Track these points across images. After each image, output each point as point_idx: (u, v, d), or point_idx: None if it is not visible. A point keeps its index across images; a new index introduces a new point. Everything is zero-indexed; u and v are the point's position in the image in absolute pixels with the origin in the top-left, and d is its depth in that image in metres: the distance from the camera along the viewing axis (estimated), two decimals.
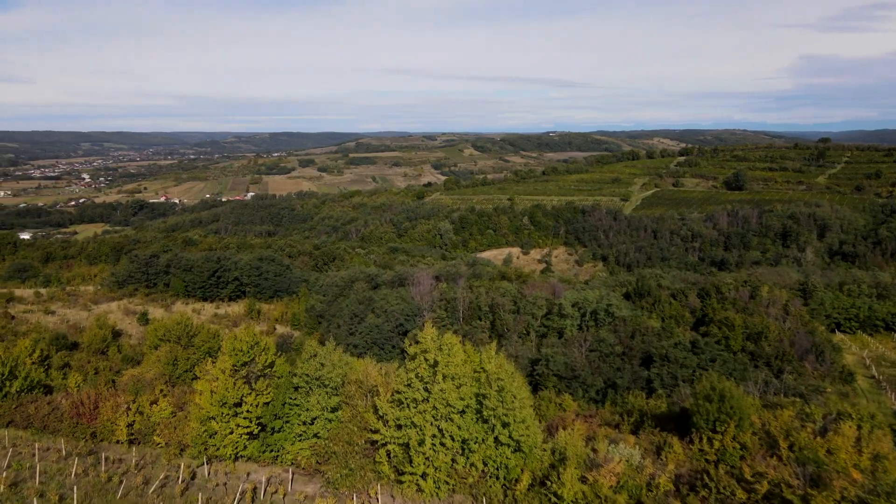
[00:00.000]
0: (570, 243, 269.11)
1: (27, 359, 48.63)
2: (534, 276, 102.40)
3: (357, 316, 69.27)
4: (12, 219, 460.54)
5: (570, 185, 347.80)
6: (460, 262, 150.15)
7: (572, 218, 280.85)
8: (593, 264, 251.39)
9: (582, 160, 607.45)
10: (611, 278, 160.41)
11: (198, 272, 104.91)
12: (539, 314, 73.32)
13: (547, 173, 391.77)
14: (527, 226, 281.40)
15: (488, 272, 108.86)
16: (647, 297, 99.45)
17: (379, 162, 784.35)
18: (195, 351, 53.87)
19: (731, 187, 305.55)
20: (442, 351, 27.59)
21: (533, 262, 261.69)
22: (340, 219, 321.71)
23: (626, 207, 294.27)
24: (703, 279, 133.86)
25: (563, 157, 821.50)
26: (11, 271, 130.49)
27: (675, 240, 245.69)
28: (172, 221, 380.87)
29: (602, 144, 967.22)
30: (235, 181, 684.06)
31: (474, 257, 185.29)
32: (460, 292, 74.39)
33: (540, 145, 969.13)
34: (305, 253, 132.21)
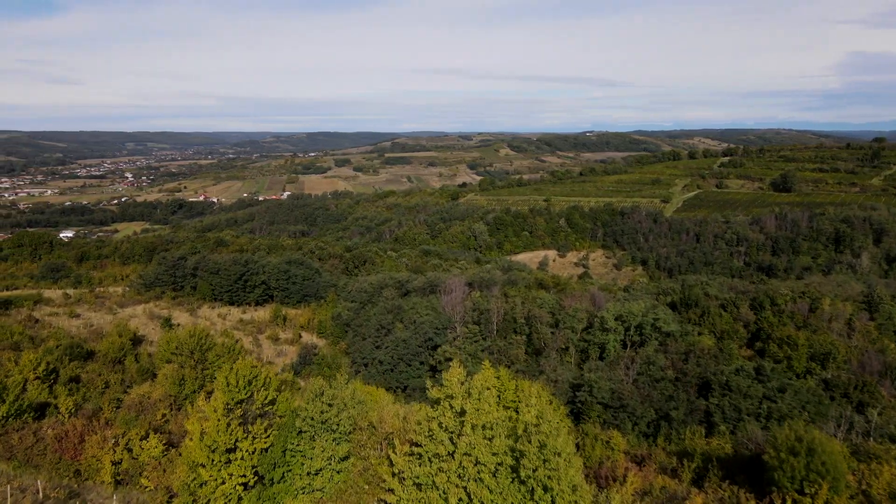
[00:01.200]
0: (609, 246, 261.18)
1: (30, 373, 45.61)
2: (571, 284, 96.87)
3: (384, 328, 65.13)
4: (57, 217, 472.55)
5: (609, 185, 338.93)
6: (494, 268, 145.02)
7: (610, 220, 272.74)
8: (632, 268, 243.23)
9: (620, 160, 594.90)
10: (652, 284, 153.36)
11: (224, 275, 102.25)
12: (579, 328, 67.94)
13: (584, 174, 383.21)
14: (563, 228, 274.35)
15: (524, 279, 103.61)
16: (694, 308, 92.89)
17: (414, 162, 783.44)
18: (209, 365, 50.27)
19: (779, 189, 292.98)
20: (471, 396, 22.77)
21: (569, 265, 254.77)
22: (374, 219, 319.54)
23: (667, 209, 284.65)
24: (753, 288, 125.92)
25: (600, 157, 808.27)
26: (45, 271, 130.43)
27: (720, 244, 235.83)
28: (209, 221, 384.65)
29: (641, 144, 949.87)
30: (272, 180, 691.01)
31: (509, 261, 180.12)
32: (494, 302, 69.53)
33: (577, 145, 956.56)
34: (336, 256, 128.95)
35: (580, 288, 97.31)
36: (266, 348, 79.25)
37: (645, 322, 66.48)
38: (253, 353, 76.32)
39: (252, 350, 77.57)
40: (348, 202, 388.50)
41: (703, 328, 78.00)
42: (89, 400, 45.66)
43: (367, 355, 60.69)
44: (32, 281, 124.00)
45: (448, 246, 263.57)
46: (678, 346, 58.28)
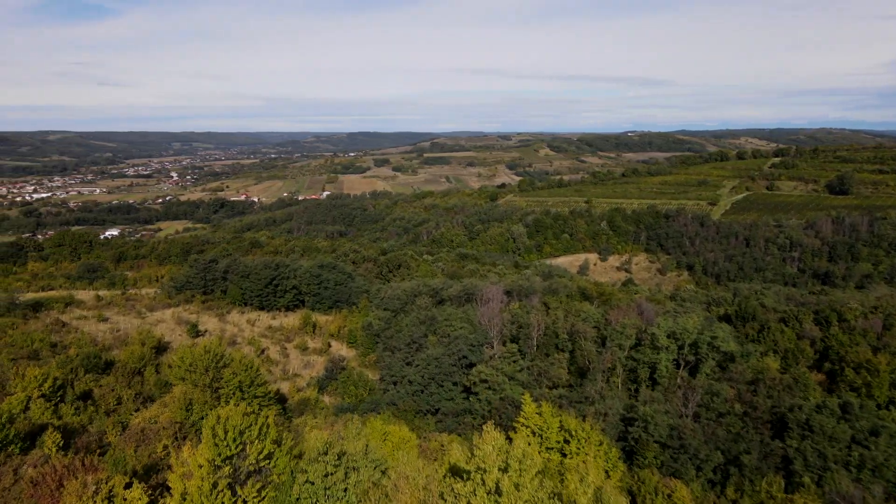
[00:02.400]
0: (652, 250, 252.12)
1: (35, 391, 42.58)
2: (616, 294, 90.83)
3: (415, 342, 60.70)
4: (104, 215, 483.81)
5: (652, 187, 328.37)
6: (534, 274, 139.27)
7: (654, 223, 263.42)
8: (677, 273, 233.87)
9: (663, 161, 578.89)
10: (701, 292, 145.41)
11: (255, 279, 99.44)
12: (627, 345, 62.22)
13: (627, 175, 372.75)
14: (605, 231, 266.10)
15: (565, 287, 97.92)
16: (751, 322, 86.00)
17: (453, 162, 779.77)
18: (224, 384, 46.56)
19: (835, 191, 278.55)
20: (510, 470, 17.85)
21: (611, 269, 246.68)
22: (412, 220, 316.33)
23: (715, 212, 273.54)
24: (814, 299, 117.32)
25: (642, 157, 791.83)
26: (82, 271, 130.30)
27: (771, 249, 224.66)
28: (248, 220, 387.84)
29: (685, 144, 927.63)
30: (312, 180, 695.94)
31: (549, 266, 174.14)
32: (534, 316, 64.36)
33: (618, 145, 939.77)
34: (370, 259, 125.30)
35: (626, 298, 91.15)
36: (293, 358, 75.74)
37: (701, 340, 60.39)
38: (279, 364, 72.90)
39: (278, 360, 74.17)
40: (386, 202, 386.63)
41: (763, 346, 71.32)
42: (95, 421, 42.38)
43: (396, 373, 56.40)
44: (69, 281, 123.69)
45: (486, 248, 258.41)
46: (741, 370, 52.12)
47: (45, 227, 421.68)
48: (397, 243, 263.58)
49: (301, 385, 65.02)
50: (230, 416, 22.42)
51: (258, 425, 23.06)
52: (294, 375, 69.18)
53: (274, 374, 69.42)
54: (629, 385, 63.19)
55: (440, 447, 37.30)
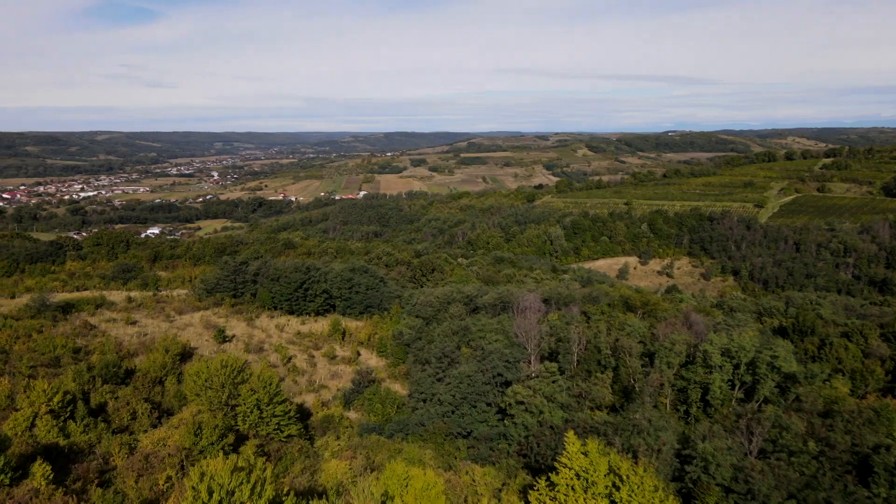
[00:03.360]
0: (695, 254, 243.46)
1: (43, 406, 40.20)
2: (662, 305, 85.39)
3: (447, 356, 56.92)
4: (147, 213, 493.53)
5: (695, 188, 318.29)
6: (572, 278, 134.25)
7: (698, 226, 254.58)
8: (722, 279, 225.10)
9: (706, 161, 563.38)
10: (750, 301, 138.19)
11: (285, 283, 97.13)
12: (676, 363, 57.31)
13: (668, 176, 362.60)
14: (646, 233, 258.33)
15: (606, 295, 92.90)
16: (810, 337, 79.79)
17: (490, 162, 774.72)
18: (241, 401, 43.53)
19: (892, 194, 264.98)
20: None
21: (652, 273, 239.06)
22: (447, 221, 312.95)
23: (762, 215, 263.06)
24: (876, 311, 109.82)
25: (684, 158, 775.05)
26: (117, 271, 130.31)
27: (823, 254, 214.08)
28: (284, 220, 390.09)
29: (728, 144, 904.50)
30: (349, 180, 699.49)
31: (588, 270, 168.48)
32: (574, 329, 59.92)
33: (659, 145, 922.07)
34: (403, 262, 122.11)
35: (671, 308, 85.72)
36: (320, 368, 72.80)
37: (759, 360, 55.12)
38: (305, 374, 70.03)
39: (305, 370, 71.32)
40: (422, 203, 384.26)
41: (826, 365, 65.36)
42: (104, 439, 39.76)
43: (426, 389, 52.81)
44: (103, 281, 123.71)
45: (522, 250, 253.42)
46: (812, 399, 46.70)
47: (90, 225, 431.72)
48: (432, 245, 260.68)
49: (326, 398, 61.94)
50: (216, 473, 19.05)
51: (251, 483, 19.59)
52: (320, 387, 66.15)
53: (299, 385, 66.58)
54: (678, 406, 58.30)
55: (471, 483, 33.44)
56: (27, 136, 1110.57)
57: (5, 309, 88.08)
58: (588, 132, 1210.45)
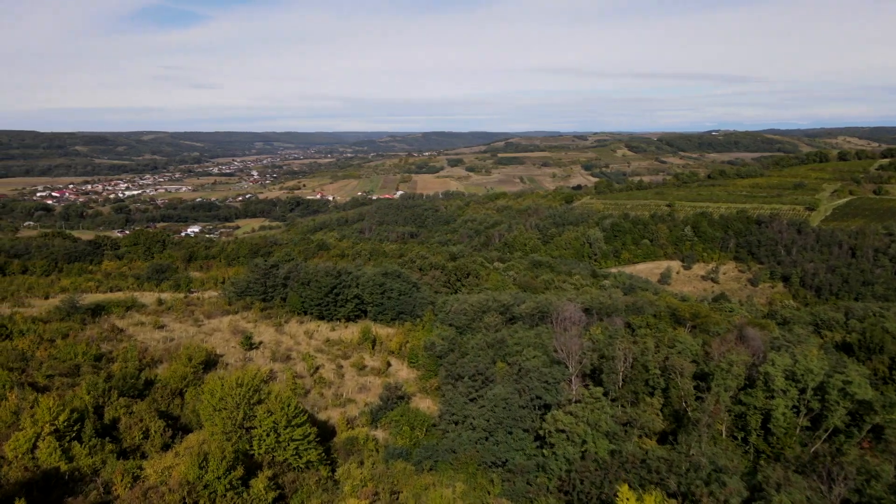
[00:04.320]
0: (742, 258, 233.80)
1: (47, 426, 37.57)
2: (712, 316, 79.56)
3: (481, 374, 52.84)
4: (188, 212, 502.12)
5: (742, 190, 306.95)
6: (613, 285, 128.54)
7: (744, 229, 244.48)
8: (771, 285, 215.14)
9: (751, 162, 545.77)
10: (805, 311, 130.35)
11: (315, 287, 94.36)
12: (734, 386, 52.07)
13: (713, 177, 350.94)
14: (689, 236, 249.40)
15: (651, 304, 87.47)
16: (878, 355, 73.34)
17: (527, 162, 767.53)
18: (257, 423, 40.25)
19: None
20: None
21: (696, 278, 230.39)
22: (483, 222, 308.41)
23: (814, 218, 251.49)
24: None
25: (728, 158, 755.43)
26: (151, 272, 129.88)
27: (882, 260, 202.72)
28: (321, 219, 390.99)
29: (774, 144, 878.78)
30: (386, 179, 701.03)
31: (630, 276, 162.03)
32: (620, 346, 55.15)
33: (701, 145, 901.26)
34: (437, 267, 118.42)
35: (723, 320, 79.87)
36: (348, 379, 69.48)
37: (830, 385, 49.54)
38: (332, 386, 66.80)
39: (332, 381, 68.09)
40: (458, 203, 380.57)
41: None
42: (108, 463, 36.90)
43: (458, 410, 48.85)
44: (137, 282, 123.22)
45: (560, 253, 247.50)
46: None
47: (134, 224, 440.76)
48: (467, 246, 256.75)
49: (353, 414, 58.51)
50: None
51: None
52: (347, 401, 62.80)
53: (325, 398, 63.34)
54: (735, 433, 53.06)
55: None
56: (77, 136, 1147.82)
57: (36, 310, 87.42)
58: (627, 132, 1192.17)
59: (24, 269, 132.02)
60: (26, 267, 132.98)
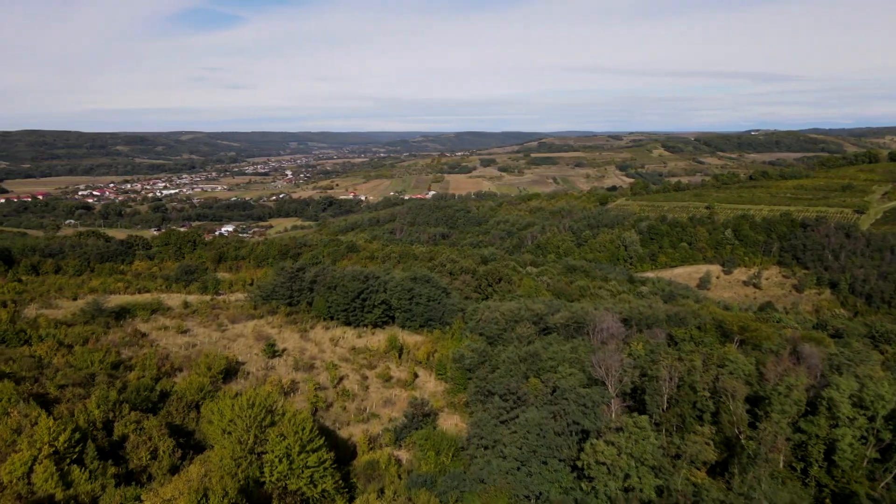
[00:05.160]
0: (786, 263, 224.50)
1: (46, 447, 35.06)
2: (763, 331, 74.06)
3: (513, 394, 48.99)
4: (222, 211, 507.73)
5: (785, 192, 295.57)
6: (651, 292, 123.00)
7: (789, 232, 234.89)
8: (817, 291, 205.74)
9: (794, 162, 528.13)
10: (857, 321, 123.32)
11: (342, 292, 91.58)
12: (793, 412, 47.19)
13: (755, 178, 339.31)
14: (730, 240, 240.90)
15: (695, 315, 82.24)
16: None
17: (561, 162, 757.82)
18: (269, 448, 37.11)
19: None
20: None
21: (737, 284, 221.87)
22: (516, 223, 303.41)
23: (863, 221, 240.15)
24: None
25: (768, 158, 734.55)
26: (179, 273, 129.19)
27: None
28: (352, 220, 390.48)
29: (818, 144, 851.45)
30: (418, 179, 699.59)
31: (669, 282, 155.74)
32: (664, 365, 50.65)
33: (741, 145, 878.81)
34: (468, 271, 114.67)
35: (774, 334, 74.32)
36: (373, 391, 66.28)
37: None
38: (355, 399, 63.64)
39: (356, 393, 64.95)
40: (490, 204, 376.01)
41: None
42: (108, 490, 34.17)
43: (488, 434, 45.14)
44: (166, 283, 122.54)
45: (594, 256, 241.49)
46: None
47: (170, 222, 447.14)
48: (499, 248, 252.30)
49: (376, 432, 55.18)
50: None
51: None
52: (371, 416, 59.53)
53: (348, 412, 60.18)
54: (794, 463, 48.15)
55: None
56: (118, 137, 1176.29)
57: (62, 313, 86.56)
58: (664, 132, 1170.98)
59: (58, 268, 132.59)
60: (59, 266, 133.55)
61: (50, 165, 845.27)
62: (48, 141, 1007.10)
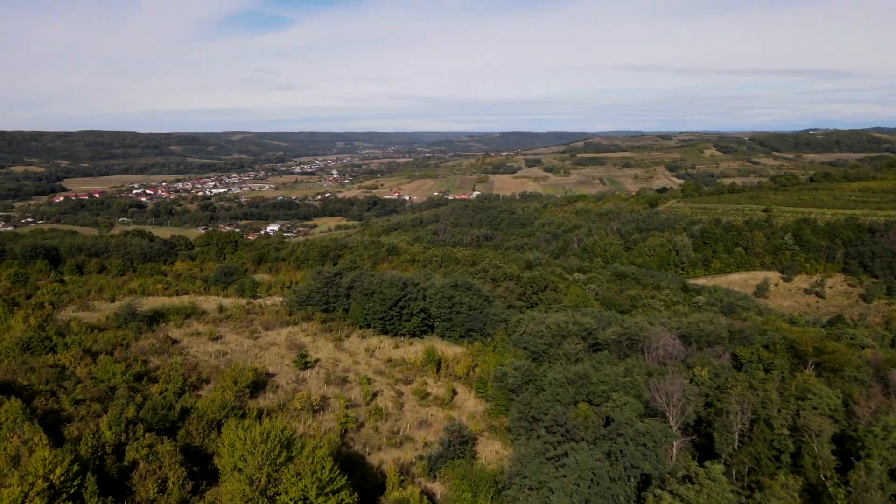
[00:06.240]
0: (852, 271, 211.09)
1: (39, 482, 31.62)
2: (842, 352, 66.44)
3: (561, 425, 43.65)
4: (269, 210, 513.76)
5: (850, 195, 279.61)
6: (708, 301, 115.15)
7: (855, 238, 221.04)
8: (887, 301, 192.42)
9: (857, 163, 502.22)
10: None
11: (379, 299, 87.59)
12: (892, 458, 40.41)
13: (816, 179, 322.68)
14: (790, 245, 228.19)
15: (760, 330, 74.96)
16: None
17: (608, 163, 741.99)
18: (283, 490, 32.83)
19: None
20: None
21: (797, 292, 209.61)
22: (561, 225, 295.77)
23: None
24: None
25: (828, 159, 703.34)
26: (218, 274, 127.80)
27: None
28: (395, 220, 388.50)
29: (882, 144, 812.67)
30: (462, 179, 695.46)
31: (726, 291, 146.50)
32: (736, 397, 44.49)
33: (798, 145, 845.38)
34: (512, 277, 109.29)
35: (854, 356, 66.66)
36: (408, 410, 61.75)
37: None
38: (388, 419, 59.20)
39: (389, 412, 60.54)
40: (535, 206, 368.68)
41: None
42: None
43: (532, 474, 40.04)
44: (205, 284, 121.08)
45: (643, 260, 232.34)
46: None
47: (218, 221, 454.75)
48: (544, 252, 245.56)
49: (409, 459, 50.61)
50: None
51: None
52: (405, 439, 55.02)
53: (380, 434, 55.77)
54: None
55: None
56: (172, 137, 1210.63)
57: (96, 316, 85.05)
58: (715, 131, 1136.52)
59: (102, 268, 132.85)
60: (104, 266, 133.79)
61: (107, 164, 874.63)
62: (106, 141, 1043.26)
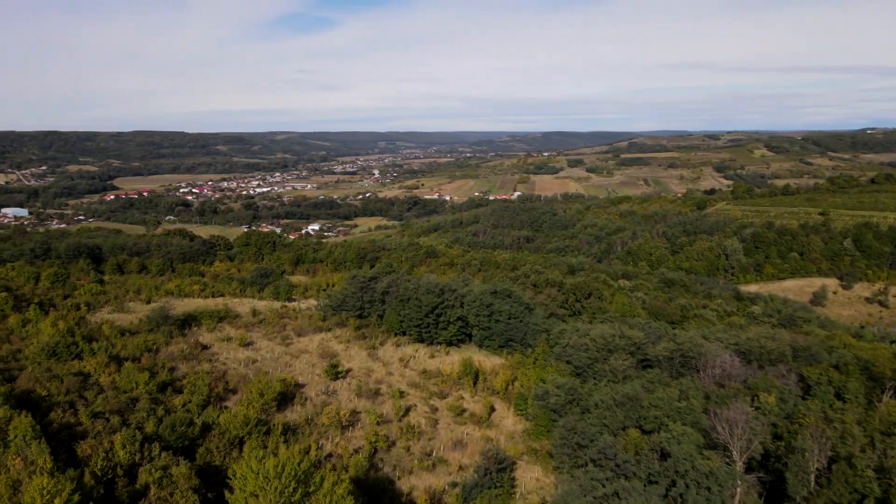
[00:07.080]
0: None
1: None
2: None
3: (609, 458, 39.25)
4: (310, 210, 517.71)
5: None
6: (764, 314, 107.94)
7: None
8: None
9: None
10: None
11: (415, 306, 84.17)
12: None
13: (878, 181, 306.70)
14: (849, 251, 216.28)
15: (827, 347, 68.68)
16: None
17: (652, 163, 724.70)
18: None
19: None
20: None
21: (858, 300, 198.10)
22: (605, 228, 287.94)
23: None
24: None
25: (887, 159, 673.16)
26: (255, 276, 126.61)
27: None
28: (435, 221, 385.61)
29: None
30: (503, 180, 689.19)
31: (783, 301, 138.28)
32: (811, 432, 39.30)
33: (855, 145, 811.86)
34: (554, 284, 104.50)
35: None
36: (442, 428, 58.03)
37: None
38: (421, 438, 55.59)
39: (423, 430, 56.92)
40: (577, 207, 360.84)
41: None
42: None
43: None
44: (241, 286, 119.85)
45: (691, 265, 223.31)
46: None
47: (260, 220, 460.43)
48: (587, 254, 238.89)
49: (442, 486, 46.88)
50: None
51: None
52: (438, 461, 51.32)
53: (411, 455, 52.18)
54: None
55: None
56: (219, 137, 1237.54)
57: (130, 319, 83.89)
58: (765, 130, 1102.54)
59: (142, 267, 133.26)
60: (144, 265, 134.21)
61: (157, 164, 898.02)
62: (156, 141, 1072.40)
